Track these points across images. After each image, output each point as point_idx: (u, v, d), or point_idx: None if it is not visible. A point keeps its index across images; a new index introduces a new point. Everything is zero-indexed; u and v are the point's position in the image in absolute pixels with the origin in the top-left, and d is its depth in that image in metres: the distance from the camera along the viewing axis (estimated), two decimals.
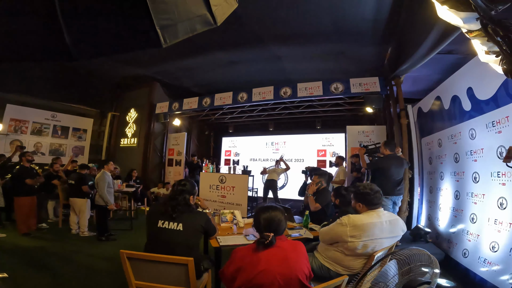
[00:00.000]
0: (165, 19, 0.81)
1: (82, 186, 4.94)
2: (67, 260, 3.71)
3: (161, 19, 0.79)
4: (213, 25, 0.95)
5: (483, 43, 1.52)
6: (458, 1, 1.26)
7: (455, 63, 4.78)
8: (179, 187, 2.25)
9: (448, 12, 1.37)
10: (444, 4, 1.34)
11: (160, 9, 0.79)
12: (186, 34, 0.88)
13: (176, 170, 8.90)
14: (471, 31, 1.47)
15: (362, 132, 6.12)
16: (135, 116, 9.25)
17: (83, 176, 5.07)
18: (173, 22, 0.83)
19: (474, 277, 2.96)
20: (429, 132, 4.58)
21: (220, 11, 0.97)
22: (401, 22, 4.52)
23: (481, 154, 3.08)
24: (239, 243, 2.58)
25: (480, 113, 3.03)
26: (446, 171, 3.94)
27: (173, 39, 0.84)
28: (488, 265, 2.78)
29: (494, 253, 2.73)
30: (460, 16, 1.33)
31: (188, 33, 0.89)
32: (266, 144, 10.10)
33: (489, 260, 2.77)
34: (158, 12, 0.78)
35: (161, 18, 0.79)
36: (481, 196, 3.07)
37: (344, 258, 2.12)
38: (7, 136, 7.33)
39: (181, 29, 0.88)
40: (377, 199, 2.12)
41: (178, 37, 0.86)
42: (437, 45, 3.40)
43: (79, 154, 8.97)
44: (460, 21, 1.38)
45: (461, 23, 1.39)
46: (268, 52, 6.16)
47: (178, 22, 0.85)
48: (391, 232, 2.12)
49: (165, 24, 0.81)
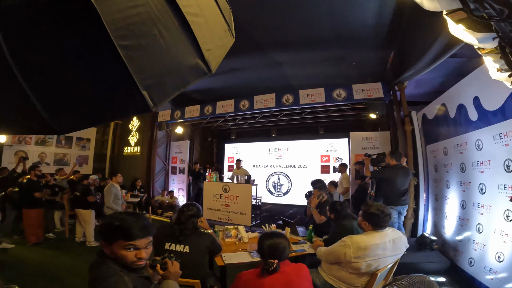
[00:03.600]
0: (150, 77, 0.71)
1: (88, 197, 5.02)
2: (75, 271, 3.75)
3: (145, 78, 0.69)
4: (208, 73, 0.85)
5: (496, 60, 1.49)
6: (475, 21, 1.22)
7: (459, 67, 4.72)
8: (188, 212, 2.29)
9: (463, 31, 1.33)
10: (459, 23, 1.30)
11: (143, 66, 0.68)
12: (177, 89, 0.78)
13: (179, 178, 8.91)
14: (483, 48, 1.44)
15: (366, 138, 6.05)
16: (138, 124, 9.28)
17: (88, 187, 5.16)
18: (160, 79, 0.74)
19: (479, 285, 2.99)
20: (434, 140, 4.51)
21: (213, 55, 0.87)
22: (404, 27, 4.45)
23: (487, 165, 3.03)
24: (243, 261, 2.59)
25: (487, 124, 2.98)
26: (452, 180, 3.88)
27: (163, 99, 0.74)
28: (493, 274, 2.81)
29: (499, 263, 2.76)
30: (476, 36, 1.30)
31: (179, 88, 0.79)
32: (269, 150, 10.04)
33: (495, 270, 2.80)
34: (140, 70, 0.67)
35: (145, 77, 0.69)
36: (488, 207, 3.06)
37: (348, 276, 2.15)
38: (11, 147, 7.39)
39: (171, 86, 0.77)
40: (385, 222, 2.11)
41: (168, 96, 0.76)
42: (442, 54, 3.36)
43: (83, 163, 9.02)
44: (475, 41, 1.34)
45: (476, 42, 1.36)
46: (269, 58, 6.12)
47: (165, 77, 0.75)
48: (394, 250, 2.14)
49: (150, 83, 0.70)
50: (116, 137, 9.86)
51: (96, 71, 0.68)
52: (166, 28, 0.72)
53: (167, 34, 0.72)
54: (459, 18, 1.31)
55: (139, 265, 1.24)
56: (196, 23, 0.78)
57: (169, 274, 1.49)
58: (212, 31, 0.85)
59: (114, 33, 0.62)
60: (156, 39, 0.70)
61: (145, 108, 0.71)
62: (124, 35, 0.64)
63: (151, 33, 0.70)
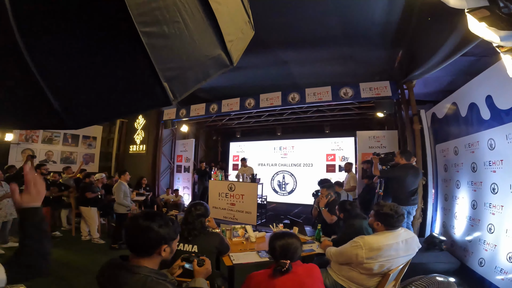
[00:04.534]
0: (172, 69, 0.66)
1: (85, 193, 5.10)
2: (81, 269, 3.80)
3: (167, 69, 0.65)
4: (229, 66, 0.81)
5: None
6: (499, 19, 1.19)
7: (469, 65, 4.64)
8: (196, 211, 2.27)
9: (485, 29, 1.30)
10: (482, 21, 1.27)
11: (164, 57, 0.64)
12: (198, 82, 0.74)
13: (184, 177, 8.92)
14: (502, 46, 1.40)
15: (373, 137, 5.98)
16: (143, 122, 9.29)
17: (86, 184, 5.24)
18: (182, 71, 0.69)
19: (489, 286, 2.98)
20: (444, 139, 4.45)
21: (235, 47, 0.82)
22: (413, 26, 4.38)
23: (500, 165, 2.98)
24: (251, 261, 2.57)
25: (500, 123, 2.92)
26: (463, 180, 3.82)
27: (184, 92, 0.69)
28: (504, 275, 2.79)
29: (511, 263, 2.74)
30: (499, 34, 1.27)
31: (200, 81, 0.74)
32: (274, 149, 9.99)
33: (506, 270, 2.78)
34: (163, 61, 0.63)
35: (167, 68, 0.65)
36: (500, 207, 3.02)
37: (359, 277, 2.12)
38: (19, 145, 7.44)
39: (192, 78, 0.72)
40: (398, 222, 2.07)
41: (188, 89, 0.71)
42: (455, 52, 3.28)
43: (90, 162, 9.07)
44: (497, 38, 1.31)
45: (498, 40, 1.33)
46: (275, 56, 6.07)
47: (187, 69, 0.70)
48: (407, 251, 2.10)
49: (172, 75, 0.66)
50: (122, 136, 9.88)
51: (116, 60, 0.64)
52: (190, 16, 0.68)
53: (191, 22, 0.68)
54: (482, 16, 1.28)
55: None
56: (220, 12, 0.74)
57: (204, 271, 1.57)
58: (235, 22, 0.81)
59: (137, 18, 0.57)
60: (180, 26, 0.66)
61: (165, 101, 0.67)
62: (147, 21, 0.60)
63: (175, 20, 0.65)
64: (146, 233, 1.16)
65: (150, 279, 1.12)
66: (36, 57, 0.61)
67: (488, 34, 1.31)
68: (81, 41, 0.62)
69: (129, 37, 0.59)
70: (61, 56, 0.63)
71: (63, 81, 0.65)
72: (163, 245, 1.19)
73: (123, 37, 0.61)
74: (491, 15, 1.20)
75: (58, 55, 0.63)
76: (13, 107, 0.72)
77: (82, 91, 0.67)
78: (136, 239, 1.19)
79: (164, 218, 1.24)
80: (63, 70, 0.64)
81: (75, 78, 0.65)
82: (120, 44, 0.62)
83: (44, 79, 0.63)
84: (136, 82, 0.66)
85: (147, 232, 1.16)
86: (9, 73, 0.65)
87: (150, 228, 1.16)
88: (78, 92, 0.67)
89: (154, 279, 1.12)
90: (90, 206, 5.14)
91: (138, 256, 1.19)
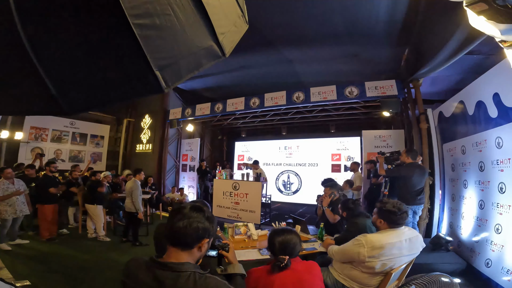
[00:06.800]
0: (164, 58, 0.70)
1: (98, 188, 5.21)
2: (87, 267, 3.81)
3: (159, 58, 0.69)
4: (221, 57, 0.84)
5: None
6: (498, 13, 1.16)
7: (476, 64, 4.56)
8: None
9: (484, 23, 1.27)
10: (481, 15, 1.24)
11: (157, 47, 0.68)
12: (190, 72, 0.77)
13: (190, 176, 9.00)
14: (505, 41, 1.37)
15: (378, 137, 5.92)
16: (150, 122, 9.40)
17: (93, 182, 5.32)
18: (174, 60, 0.73)
19: (496, 287, 2.94)
20: (451, 138, 4.38)
21: (228, 39, 0.86)
22: (419, 23, 4.33)
23: (508, 164, 2.92)
24: (253, 258, 2.56)
25: (508, 121, 2.87)
26: (470, 180, 3.75)
27: (176, 80, 0.73)
28: (511, 276, 2.75)
29: None
30: (499, 27, 1.24)
31: (192, 70, 0.78)
32: (279, 149, 9.98)
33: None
34: (154, 50, 0.67)
35: (159, 57, 0.69)
36: (507, 207, 2.97)
37: (361, 276, 2.09)
38: (28, 144, 7.60)
39: (184, 67, 0.76)
40: (401, 220, 2.04)
41: (181, 77, 0.75)
42: (460, 50, 3.24)
43: (97, 160, 9.21)
44: (497, 32, 1.28)
45: (498, 34, 1.30)
46: (280, 55, 6.06)
47: (179, 59, 0.74)
48: (410, 250, 2.06)
49: (164, 64, 0.70)
50: (129, 135, 10.02)
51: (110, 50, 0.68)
52: (181, 9, 0.71)
53: (182, 15, 0.71)
54: (480, 10, 1.25)
55: None
56: (211, 5, 0.77)
57: (234, 255, 1.64)
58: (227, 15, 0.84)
59: (129, 11, 0.61)
60: (171, 19, 0.70)
61: (158, 89, 0.70)
62: (139, 13, 0.64)
63: (166, 12, 0.69)
64: (195, 223, 1.11)
65: (199, 276, 1.05)
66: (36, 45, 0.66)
67: (489, 28, 1.28)
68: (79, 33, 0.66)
69: (122, 28, 0.63)
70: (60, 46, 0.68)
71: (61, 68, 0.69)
72: (205, 239, 1.15)
73: (117, 28, 0.65)
74: (489, 9, 1.17)
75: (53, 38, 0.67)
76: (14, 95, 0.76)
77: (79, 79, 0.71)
78: (184, 230, 1.11)
79: (208, 211, 1.21)
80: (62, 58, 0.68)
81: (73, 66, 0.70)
82: (114, 35, 0.66)
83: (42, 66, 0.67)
84: (129, 71, 0.70)
85: (196, 223, 1.11)
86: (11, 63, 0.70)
87: (199, 219, 1.12)
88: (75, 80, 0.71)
89: (203, 275, 1.06)
90: (96, 204, 5.21)
91: (182, 249, 1.13)
